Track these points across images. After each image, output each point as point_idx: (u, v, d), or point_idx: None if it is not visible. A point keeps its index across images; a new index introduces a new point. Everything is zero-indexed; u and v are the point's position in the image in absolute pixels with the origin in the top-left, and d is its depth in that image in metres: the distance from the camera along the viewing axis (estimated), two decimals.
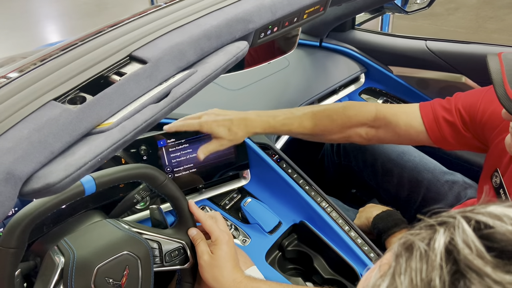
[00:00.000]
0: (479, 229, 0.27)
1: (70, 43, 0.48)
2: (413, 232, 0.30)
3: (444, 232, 0.28)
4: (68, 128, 0.38)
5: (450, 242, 0.27)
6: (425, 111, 0.95)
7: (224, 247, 0.77)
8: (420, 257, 0.27)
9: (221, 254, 0.76)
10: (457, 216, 0.28)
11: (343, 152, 1.30)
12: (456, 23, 3.94)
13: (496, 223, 0.27)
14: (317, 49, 1.55)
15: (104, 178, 0.72)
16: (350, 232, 0.98)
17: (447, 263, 0.26)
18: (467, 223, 0.27)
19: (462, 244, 0.26)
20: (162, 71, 0.47)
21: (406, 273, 0.27)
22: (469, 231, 0.27)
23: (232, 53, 0.53)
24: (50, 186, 0.35)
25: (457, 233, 0.27)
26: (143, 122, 0.41)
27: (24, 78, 0.42)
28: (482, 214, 0.28)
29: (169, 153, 0.99)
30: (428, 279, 0.26)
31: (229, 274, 0.76)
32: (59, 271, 0.68)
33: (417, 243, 0.28)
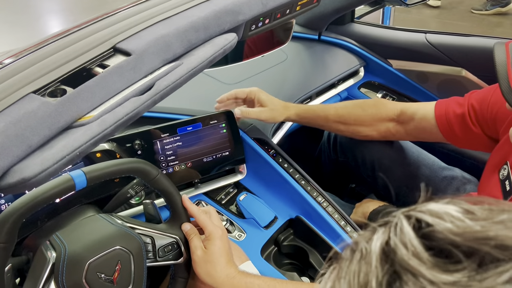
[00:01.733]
0: (419, 228, 0.26)
1: (54, 35, 0.48)
2: (362, 232, 0.29)
3: (383, 232, 0.27)
4: (47, 121, 0.37)
5: (387, 242, 0.26)
6: (439, 106, 0.98)
7: (218, 242, 0.77)
8: (360, 259, 0.26)
9: (214, 249, 0.76)
10: (399, 215, 0.28)
11: (339, 148, 1.29)
12: (458, 16, 3.90)
13: (436, 220, 0.26)
14: (316, 43, 1.54)
15: (95, 173, 0.72)
16: (346, 227, 0.97)
17: (383, 264, 0.25)
18: (407, 222, 0.26)
19: (399, 243, 0.25)
20: (146, 63, 0.46)
21: (346, 277, 0.26)
22: (407, 230, 0.26)
23: (220, 45, 0.52)
24: (25, 181, 0.34)
25: (395, 233, 0.26)
26: (124, 116, 0.40)
27: (4, 71, 0.42)
28: (423, 212, 0.27)
29: (164, 147, 0.98)
30: (364, 282, 0.25)
31: (223, 270, 0.75)
32: (50, 266, 0.67)
33: (360, 244, 0.27)
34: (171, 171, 1.00)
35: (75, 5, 4.96)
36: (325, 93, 1.44)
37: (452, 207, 0.27)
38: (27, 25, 4.31)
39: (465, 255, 0.24)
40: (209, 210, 0.84)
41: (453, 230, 0.25)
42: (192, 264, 0.79)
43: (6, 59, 0.47)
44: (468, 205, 0.27)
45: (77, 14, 4.62)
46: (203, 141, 1.02)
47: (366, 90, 1.54)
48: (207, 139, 1.02)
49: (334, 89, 1.47)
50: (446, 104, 0.97)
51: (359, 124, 1.06)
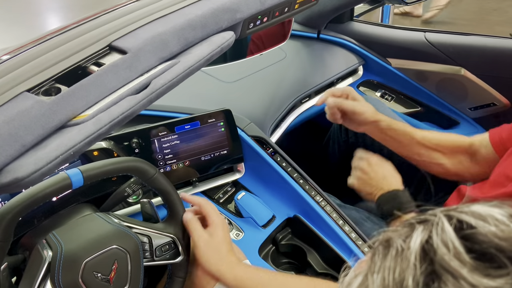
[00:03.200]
0: (460, 229, 0.25)
1: (49, 33, 0.47)
2: (394, 228, 0.29)
3: (423, 230, 0.26)
4: (41, 120, 0.37)
5: (427, 241, 0.25)
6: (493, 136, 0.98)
7: (220, 231, 0.77)
8: (396, 255, 0.26)
9: (217, 238, 0.77)
10: (439, 214, 0.27)
11: (351, 132, 1.28)
12: (459, 15, 3.90)
13: (479, 223, 0.25)
14: (315, 41, 1.53)
15: (92, 172, 0.71)
16: (344, 226, 0.97)
17: (422, 263, 0.25)
18: (448, 222, 0.26)
19: (440, 243, 0.25)
20: (143, 61, 0.45)
21: (379, 272, 0.26)
22: (449, 230, 0.25)
23: (217, 43, 0.51)
24: (18, 181, 0.33)
25: (436, 232, 0.25)
26: (119, 115, 0.39)
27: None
28: (465, 213, 0.26)
29: (161, 146, 0.98)
30: (400, 279, 0.25)
31: (224, 258, 0.76)
32: (46, 265, 0.67)
33: (395, 241, 0.27)
34: (169, 169, 1.00)
35: (74, 2, 4.94)
36: (324, 92, 1.43)
37: (497, 210, 0.26)
38: (26, 23, 4.29)
39: (510, 260, 0.23)
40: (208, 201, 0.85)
41: (497, 234, 0.24)
42: (194, 251, 0.79)
43: (1, 56, 0.46)
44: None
45: (76, 11, 4.61)
46: (201, 139, 1.01)
47: (365, 89, 1.54)
48: (205, 138, 1.02)
49: (333, 88, 1.47)
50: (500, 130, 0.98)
51: (439, 150, 1.03)
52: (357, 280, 0.27)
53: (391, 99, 1.52)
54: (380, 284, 0.25)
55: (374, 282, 0.26)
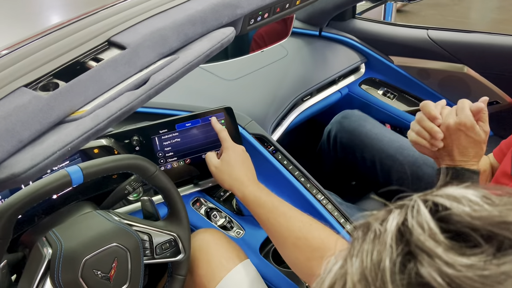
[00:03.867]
0: (436, 211, 0.26)
1: (47, 28, 0.47)
2: (372, 213, 0.29)
3: (399, 214, 0.27)
4: (38, 115, 0.36)
5: (403, 223, 0.26)
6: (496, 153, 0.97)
7: (231, 153, 0.89)
8: (374, 239, 0.26)
9: (228, 159, 0.88)
10: (415, 198, 0.28)
11: (340, 147, 1.28)
12: (462, 13, 3.88)
13: (453, 204, 0.26)
14: (317, 39, 1.52)
15: (92, 169, 0.71)
16: (345, 225, 0.96)
17: (398, 244, 0.25)
18: (424, 205, 0.26)
19: (415, 225, 0.25)
20: (142, 57, 0.45)
21: (358, 255, 0.26)
22: (424, 212, 0.26)
23: (217, 39, 0.50)
24: (15, 177, 0.33)
25: (412, 214, 0.26)
26: (117, 110, 0.39)
27: None
28: (440, 196, 0.27)
29: (162, 143, 0.97)
30: (378, 260, 0.25)
31: (237, 176, 0.86)
32: (46, 262, 0.67)
33: (373, 224, 0.27)
34: (169, 167, 1.00)
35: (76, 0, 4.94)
36: (325, 90, 1.43)
37: (471, 192, 0.27)
38: (28, 20, 4.29)
39: (484, 239, 0.24)
40: None
41: (471, 214, 0.25)
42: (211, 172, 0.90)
43: (0, 51, 0.46)
44: (485, 192, 0.27)
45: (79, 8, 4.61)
46: (202, 137, 1.01)
47: (367, 87, 1.53)
48: (206, 135, 1.01)
49: (334, 86, 1.46)
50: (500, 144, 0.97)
51: None
52: (337, 265, 0.28)
53: (394, 97, 1.51)
54: (358, 267, 0.26)
55: (353, 265, 0.26)
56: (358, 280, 0.25)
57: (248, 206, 0.83)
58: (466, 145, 0.79)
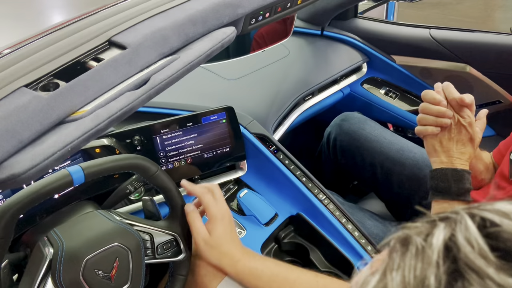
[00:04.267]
0: (484, 227, 0.25)
1: (48, 28, 0.47)
2: (411, 225, 0.28)
3: (445, 228, 0.25)
4: (38, 116, 0.36)
5: (450, 238, 0.25)
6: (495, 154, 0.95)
7: (219, 226, 0.75)
8: (416, 253, 0.25)
9: (217, 234, 0.75)
10: (461, 212, 0.26)
11: (339, 151, 1.28)
12: (464, 12, 3.87)
13: (504, 221, 0.24)
14: (319, 38, 1.52)
15: (93, 169, 0.71)
16: (347, 224, 0.96)
17: (445, 260, 0.24)
18: (471, 220, 0.25)
19: (463, 241, 0.24)
20: (142, 57, 0.45)
21: (398, 270, 0.25)
22: (472, 228, 0.24)
23: (218, 39, 0.50)
24: (15, 177, 0.33)
25: (459, 229, 0.25)
26: (118, 110, 0.39)
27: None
28: (489, 211, 0.25)
29: (163, 143, 0.97)
30: (422, 277, 0.24)
31: (227, 252, 0.75)
32: (47, 262, 0.67)
33: (414, 238, 0.26)
34: (171, 167, 1.00)
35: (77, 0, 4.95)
36: (327, 89, 1.43)
37: None
38: (29, 20, 4.31)
39: None
40: (212, 187, 0.82)
41: None
42: (196, 247, 0.78)
43: (1, 51, 0.46)
44: None
45: (80, 9, 4.62)
46: (204, 137, 1.01)
47: (369, 86, 1.53)
48: (208, 135, 1.01)
49: (336, 85, 1.46)
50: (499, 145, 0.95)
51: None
52: (374, 278, 0.26)
53: (396, 96, 1.51)
54: (400, 282, 0.24)
55: (394, 280, 0.25)
56: None
57: (243, 282, 0.74)
58: (465, 141, 0.78)
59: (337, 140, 1.27)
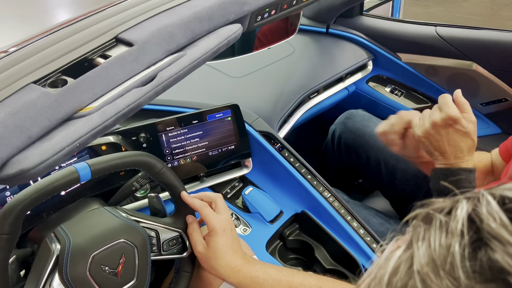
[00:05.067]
0: (503, 203, 0.26)
1: (56, 26, 0.47)
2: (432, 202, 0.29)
3: (467, 203, 0.27)
4: (47, 112, 0.37)
5: (473, 210, 0.26)
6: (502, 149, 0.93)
7: (219, 239, 0.75)
8: (440, 226, 0.27)
9: (216, 246, 0.75)
10: (481, 191, 0.28)
11: (344, 149, 1.28)
12: (470, 10, 3.84)
13: None
14: (324, 36, 1.52)
15: (100, 165, 0.71)
16: (352, 222, 0.96)
17: (468, 230, 0.25)
18: (492, 197, 0.27)
19: (486, 214, 0.25)
20: (149, 54, 0.45)
21: (424, 240, 0.26)
22: (493, 204, 0.26)
23: (224, 36, 0.50)
24: (24, 172, 0.33)
25: (482, 204, 0.26)
26: (125, 107, 0.39)
27: (5, 60, 0.41)
28: (508, 189, 0.27)
29: (169, 140, 0.98)
30: (447, 245, 0.25)
31: (227, 264, 0.74)
32: (55, 258, 0.67)
33: (437, 215, 0.28)
34: (176, 164, 1.00)
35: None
36: (332, 87, 1.43)
37: None
38: (36, 19, 4.33)
39: None
40: (216, 198, 0.81)
41: None
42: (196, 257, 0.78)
43: (9, 48, 0.46)
44: None
45: (86, 7, 4.63)
46: (209, 134, 1.01)
47: (374, 84, 1.53)
48: (213, 133, 1.01)
49: (341, 83, 1.46)
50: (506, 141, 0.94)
51: None
52: (400, 250, 0.27)
53: (401, 94, 1.50)
54: (425, 250, 0.26)
55: (420, 248, 0.26)
56: (426, 263, 0.25)
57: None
58: (457, 139, 0.78)
59: (342, 138, 1.27)
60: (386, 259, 0.28)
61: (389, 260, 0.28)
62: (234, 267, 0.74)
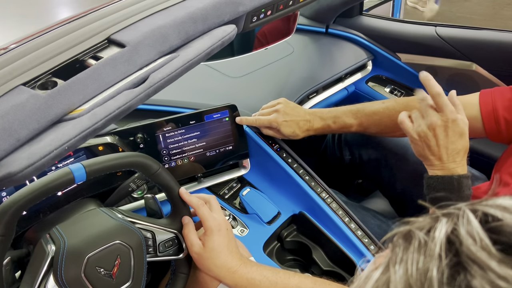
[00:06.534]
0: (486, 222, 0.25)
1: (47, 26, 0.46)
2: (413, 220, 0.28)
3: (447, 222, 0.26)
4: (36, 114, 0.36)
5: (452, 232, 0.25)
6: (484, 102, 0.88)
7: (216, 238, 0.75)
8: (419, 247, 0.25)
9: (213, 246, 0.74)
10: (463, 207, 0.27)
11: (344, 146, 1.27)
12: (472, 9, 3.83)
13: (505, 215, 0.25)
14: (323, 36, 1.51)
15: (95, 166, 0.71)
16: (350, 223, 0.95)
17: (447, 254, 0.24)
18: (473, 215, 0.25)
19: (465, 235, 0.24)
20: (142, 55, 0.44)
21: (401, 263, 0.25)
22: (474, 222, 0.25)
23: (218, 37, 0.50)
24: (11, 176, 0.33)
25: (461, 224, 0.25)
26: (115, 109, 0.39)
27: None
28: (490, 206, 0.26)
29: (166, 141, 0.97)
30: (424, 269, 0.24)
31: (223, 264, 0.74)
32: (49, 259, 0.67)
33: (416, 233, 0.26)
34: (173, 165, 1.00)
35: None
36: (332, 87, 1.42)
37: None
38: (36, 18, 4.33)
39: None
40: (210, 199, 0.82)
41: None
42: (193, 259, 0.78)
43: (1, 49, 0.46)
44: None
45: (87, 5, 4.62)
46: (207, 135, 1.01)
47: (373, 84, 1.52)
48: (211, 133, 1.01)
49: (341, 83, 1.45)
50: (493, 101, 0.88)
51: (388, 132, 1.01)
52: (377, 272, 0.26)
53: (401, 94, 1.50)
54: (402, 275, 0.25)
55: (397, 272, 0.25)
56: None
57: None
58: (454, 140, 0.78)
59: (342, 136, 1.27)
60: (364, 280, 0.27)
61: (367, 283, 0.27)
62: (230, 267, 0.74)
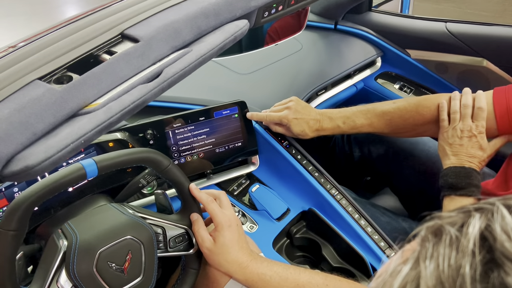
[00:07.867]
0: None
1: (61, 22, 0.47)
2: (444, 215, 0.27)
3: (480, 218, 0.25)
4: (52, 108, 0.36)
5: (486, 228, 0.24)
6: (498, 102, 0.88)
7: (226, 234, 0.75)
8: (450, 242, 0.25)
9: (224, 241, 0.75)
10: (496, 203, 0.26)
11: (354, 142, 1.27)
12: (481, 6, 3.79)
13: None
14: (332, 32, 1.50)
15: (106, 162, 0.71)
16: (360, 220, 0.95)
17: (480, 250, 0.23)
18: (507, 210, 0.25)
19: (500, 231, 0.24)
20: (155, 50, 0.44)
21: (432, 258, 0.25)
22: (509, 218, 0.24)
23: (230, 32, 0.50)
24: (29, 169, 0.33)
25: (496, 220, 0.24)
26: (130, 103, 0.39)
27: (11, 57, 0.41)
28: None
29: (176, 137, 0.97)
30: (457, 266, 0.23)
31: (234, 260, 0.74)
32: (62, 254, 0.68)
33: (447, 228, 0.26)
34: (183, 161, 1.00)
35: None
36: (340, 84, 1.41)
37: None
38: (45, 16, 4.36)
39: None
40: (219, 195, 0.82)
41: None
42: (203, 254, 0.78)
43: (18, 43, 0.46)
44: None
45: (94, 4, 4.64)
46: (216, 131, 1.01)
47: (383, 81, 1.51)
48: (220, 130, 1.01)
49: (350, 80, 1.44)
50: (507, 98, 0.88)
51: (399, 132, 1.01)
52: (406, 267, 0.26)
53: (410, 91, 1.49)
54: (433, 271, 0.24)
55: (427, 268, 0.24)
56: (433, 285, 0.24)
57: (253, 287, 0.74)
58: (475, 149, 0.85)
59: None
60: (391, 274, 0.26)
61: (395, 278, 0.26)
62: (241, 263, 0.74)
